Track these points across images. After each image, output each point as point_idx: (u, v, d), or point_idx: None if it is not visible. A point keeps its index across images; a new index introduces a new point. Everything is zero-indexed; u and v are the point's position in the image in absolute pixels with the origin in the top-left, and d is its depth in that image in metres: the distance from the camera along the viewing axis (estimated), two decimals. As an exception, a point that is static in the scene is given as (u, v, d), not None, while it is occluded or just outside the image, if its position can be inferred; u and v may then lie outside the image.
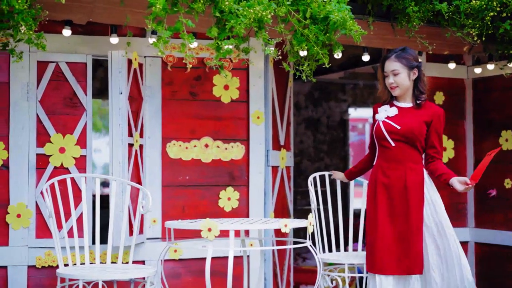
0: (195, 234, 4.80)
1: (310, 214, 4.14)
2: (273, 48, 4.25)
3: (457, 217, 6.00)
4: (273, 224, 3.95)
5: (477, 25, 4.84)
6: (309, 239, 4.10)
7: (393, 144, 4.19)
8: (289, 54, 4.47)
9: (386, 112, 4.26)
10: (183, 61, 4.94)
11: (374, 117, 4.34)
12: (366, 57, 5.63)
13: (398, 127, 4.18)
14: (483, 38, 4.90)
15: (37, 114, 4.69)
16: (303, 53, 4.37)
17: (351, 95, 10.28)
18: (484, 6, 4.75)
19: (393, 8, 4.97)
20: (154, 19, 3.95)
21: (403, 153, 4.19)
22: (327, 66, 4.32)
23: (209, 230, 3.77)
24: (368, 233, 4.26)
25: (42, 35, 3.90)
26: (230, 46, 4.11)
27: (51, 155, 4.71)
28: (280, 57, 4.25)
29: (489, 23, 4.79)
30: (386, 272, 4.12)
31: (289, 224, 3.89)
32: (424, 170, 4.24)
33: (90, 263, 4.42)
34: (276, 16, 4.21)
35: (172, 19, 4.06)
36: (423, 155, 4.29)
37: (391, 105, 4.29)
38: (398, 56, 4.23)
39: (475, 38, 4.88)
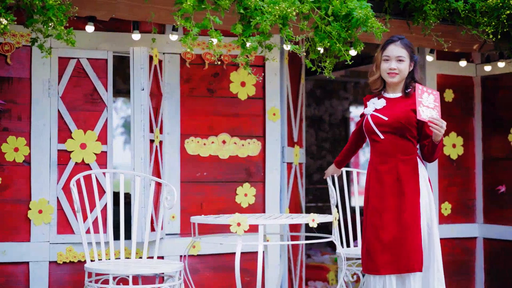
0: (214, 229, 4.83)
1: (335, 209, 4.17)
2: (296, 46, 4.28)
3: (466, 213, 6.06)
4: (301, 219, 3.95)
5: (493, 23, 4.89)
6: (334, 234, 4.13)
7: (382, 137, 4.03)
8: (310, 51, 4.51)
9: (374, 105, 4.11)
10: (212, 57, 4.99)
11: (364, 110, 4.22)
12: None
13: (386, 118, 4.02)
14: (499, 36, 4.96)
15: (58, 110, 4.69)
16: (322, 50, 4.42)
17: (352, 93, 10.34)
18: (500, 4, 4.81)
19: (410, 6, 5.01)
20: (182, 15, 3.98)
21: (393, 146, 4.02)
22: (349, 63, 4.37)
23: (238, 225, 3.79)
24: (364, 233, 4.12)
25: (72, 31, 3.91)
26: (256, 43, 4.14)
27: (72, 151, 4.72)
28: (305, 54, 4.28)
29: (504, 21, 4.84)
30: (384, 272, 3.98)
31: (316, 218, 3.91)
32: (419, 162, 4.06)
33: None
34: (299, 13, 4.25)
35: (195, 16, 4.08)
36: (419, 146, 4.11)
37: (380, 97, 4.14)
38: (403, 43, 4.08)
39: (491, 36, 4.93)
